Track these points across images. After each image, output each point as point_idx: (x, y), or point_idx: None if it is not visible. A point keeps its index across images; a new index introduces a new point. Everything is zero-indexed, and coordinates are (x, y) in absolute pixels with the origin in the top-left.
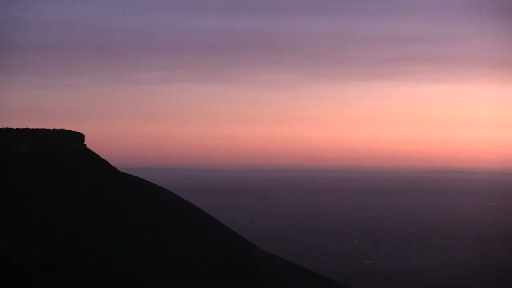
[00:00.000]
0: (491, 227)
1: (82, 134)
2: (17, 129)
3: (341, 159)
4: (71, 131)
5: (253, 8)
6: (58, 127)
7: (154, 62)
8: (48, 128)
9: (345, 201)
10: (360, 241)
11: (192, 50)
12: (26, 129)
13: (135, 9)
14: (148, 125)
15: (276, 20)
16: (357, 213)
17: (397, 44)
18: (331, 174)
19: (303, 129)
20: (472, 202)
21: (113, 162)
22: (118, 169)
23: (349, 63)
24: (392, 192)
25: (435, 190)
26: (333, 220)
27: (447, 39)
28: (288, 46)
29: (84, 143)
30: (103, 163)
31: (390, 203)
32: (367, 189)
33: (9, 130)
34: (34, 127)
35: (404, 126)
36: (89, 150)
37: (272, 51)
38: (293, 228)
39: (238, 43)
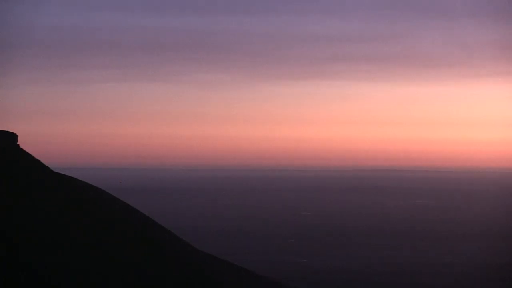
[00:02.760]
0: (425, 225)
1: (15, 133)
2: None
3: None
4: (2, 130)
5: (190, 7)
6: None
7: (90, 61)
8: None
9: (281, 200)
10: (296, 239)
11: (129, 49)
12: None
13: (70, 7)
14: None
15: (213, 19)
16: (293, 211)
17: (335, 43)
18: (269, 173)
19: (242, 128)
20: (409, 200)
21: (49, 162)
22: (53, 169)
23: (287, 62)
24: (329, 191)
25: (375, 189)
26: (269, 219)
27: (385, 38)
28: (225, 45)
29: (18, 143)
30: (36, 163)
31: (327, 201)
32: (303, 188)
33: None
34: None
35: (342, 125)
36: (21, 149)
37: (209, 50)
38: (229, 228)
39: (175, 42)
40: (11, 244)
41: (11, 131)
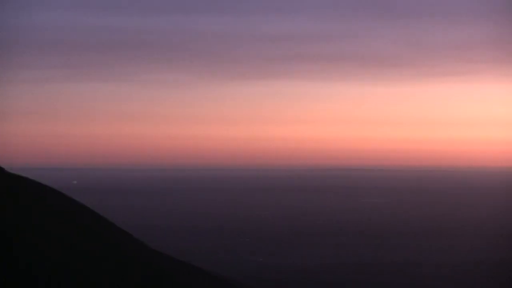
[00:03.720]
0: (381, 223)
1: None
2: None
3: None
4: None
5: (144, 6)
6: None
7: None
8: None
9: (238, 199)
10: (252, 238)
11: (77, 48)
12: None
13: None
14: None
15: (168, 18)
16: (250, 211)
17: (289, 42)
18: (227, 173)
19: (199, 128)
20: (368, 199)
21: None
22: (6, 169)
23: (241, 62)
24: (287, 191)
25: (334, 188)
26: (226, 218)
27: (341, 38)
28: (181, 44)
29: None
30: None
31: (284, 201)
32: (260, 187)
33: None
34: None
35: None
36: None
37: (164, 50)
38: (183, 227)
39: (128, 41)
40: None
41: None
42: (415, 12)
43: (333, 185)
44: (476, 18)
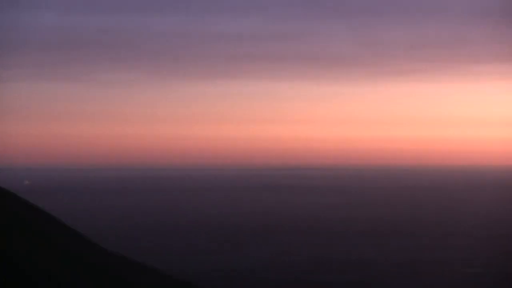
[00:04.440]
0: (332, 223)
1: None
2: None
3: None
4: None
5: (98, 5)
6: None
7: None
8: None
9: (188, 199)
10: (206, 238)
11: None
12: None
13: None
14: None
15: (126, 17)
16: (203, 210)
17: (241, 42)
18: (178, 173)
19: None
20: (316, 199)
21: None
22: None
23: (197, 61)
24: (237, 189)
25: (287, 187)
26: (174, 218)
27: (292, 37)
28: (131, 44)
29: None
30: None
31: (235, 200)
32: (212, 186)
33: None
34: None
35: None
36: None
37: (116, 49)
38: (132, 227)
39: (83, 40)
40: None
41: None
42: (368, 11)
43: (288, 184)
44: (427, 18)
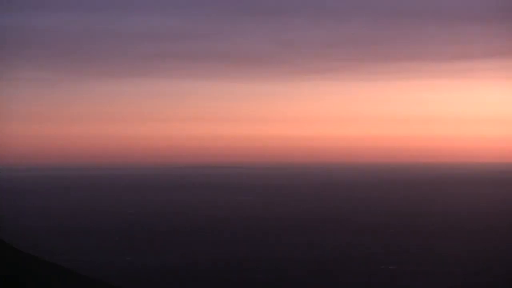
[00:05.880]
0: (253, 221)
1: None
2: None
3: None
4: None
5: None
6: None
7: None
8: None
9: (104, 199)
10: (120, 238)
11: None
12: None
13: None
14: None
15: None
16: (118, 210)
17: (154, 40)
18: (91, 172)
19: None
20: (235, 197)
21: None
22: None
23: (110, 60)
24: (157, 189)
25: (203, 186)
26: (92, 217)
27: (208, 36)
28: (44, 42)
29: None
30: None
31: (153, 199)
32: (130, 186)
33: None
34: None
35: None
36: None
37: (21, 47)
38: (49, 227)
39: None
40: None
41: None
42: (284, 10)
43: (207, 182)
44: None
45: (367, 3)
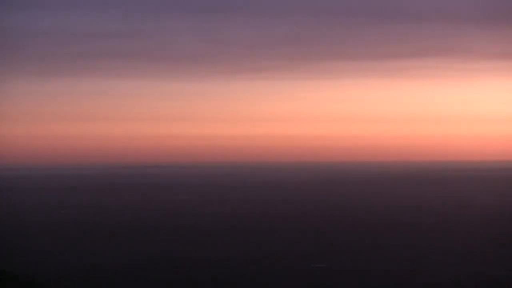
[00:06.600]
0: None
1: None
2: None
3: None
4: None
5: None
6: None
7: None
8: None
9: (39, 198)
10: (59, 237)
11: None
12: None
13: None
14: None
15: None
16: (52, 210)
17: (87, 40)
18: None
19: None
20: (169, 196)
21: None
22: None
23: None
24: (91, 188)
25: (141, 185)
26: (26, 217)
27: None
28: None
29: None
30: None
31: (89, 199)
32: (68, 186)
33: None
34: None
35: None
36: None
37: None
38: None
39: None
40: None
41: None
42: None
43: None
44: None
45: (304, 2)
